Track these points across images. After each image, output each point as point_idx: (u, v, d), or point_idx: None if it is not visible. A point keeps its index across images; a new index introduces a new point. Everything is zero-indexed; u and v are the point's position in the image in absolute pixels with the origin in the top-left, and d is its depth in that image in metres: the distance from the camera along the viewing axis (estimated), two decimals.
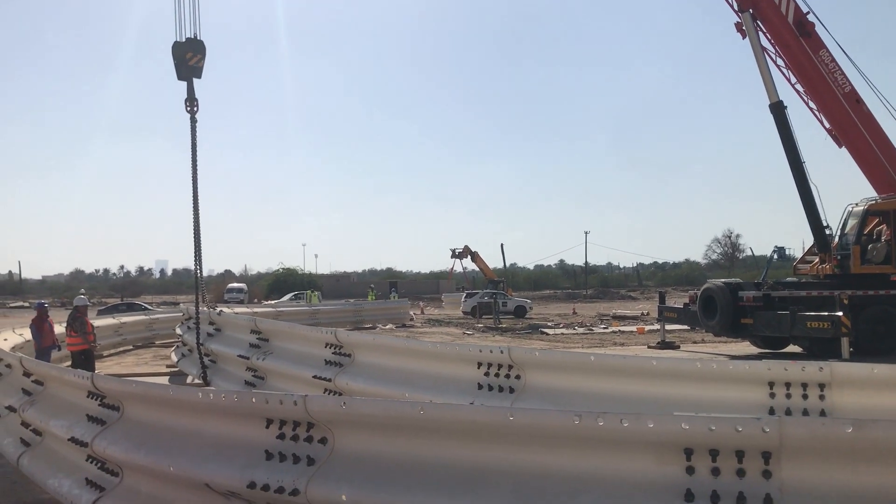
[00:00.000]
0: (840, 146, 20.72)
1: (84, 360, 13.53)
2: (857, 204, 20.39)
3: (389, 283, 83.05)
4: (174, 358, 15.84)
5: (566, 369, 6.81)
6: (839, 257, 19.76)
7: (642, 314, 46.63)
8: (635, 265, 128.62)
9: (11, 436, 7.98)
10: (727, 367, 6.20)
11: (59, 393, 7.33)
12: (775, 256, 58.17)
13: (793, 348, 20.04)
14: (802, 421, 3.61)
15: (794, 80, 20.68)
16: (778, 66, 20.80)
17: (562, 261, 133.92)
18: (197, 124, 13.50)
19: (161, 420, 5.50)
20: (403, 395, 7.49)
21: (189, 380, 13.61)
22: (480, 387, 7.17)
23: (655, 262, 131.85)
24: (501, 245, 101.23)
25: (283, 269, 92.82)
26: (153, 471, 5.36)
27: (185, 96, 13.23)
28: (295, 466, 4.55)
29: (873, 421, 3.49)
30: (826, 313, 17.23)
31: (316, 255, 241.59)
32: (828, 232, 20.31)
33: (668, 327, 24.83)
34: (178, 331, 16.13)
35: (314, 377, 8.85)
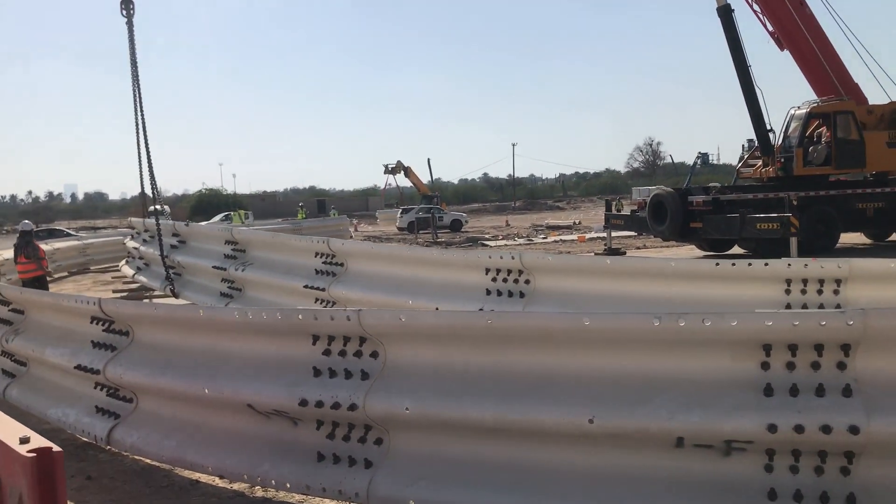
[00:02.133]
0: (782, 49, 20.99)
1: (38, 286, 12.92)
2: (798, 107, 20.83)
3: (317, 202, 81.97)
4: (129, 272, 15.26)
5: (580, 273, 6.83)
6: (783, 160, 20.27)
7: (574, 223, 47.32)
8: (558, 176, 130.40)
9: None
10: (745, 267, 6.29)
11: (47, 320, 6.97)
12: (699, 163, 59.41)
13: (736, 250, 20.68)
14: (886, 312, 3.64)
15: None
16: None
17: (486, 174, 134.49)
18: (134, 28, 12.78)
19: (185, 342, 5.30)
20: (407, 303, 7.42)
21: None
22: (489, 292, 7.15)
23: (577, 173, 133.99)
24: (428, 160, 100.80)
25: (207, 189, 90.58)
26: (182, 394, 5.18)
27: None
28: (348, 381, 4.44)
29: None
30: (775, 214, 17.73)
31: (234, 175, 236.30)
32: (771, 136, 20.77)
33: (601, 234, 25.28)
34: (132, 244, 15.50)
35: (305, 287, 8.71)
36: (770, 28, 20.94)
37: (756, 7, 20.82)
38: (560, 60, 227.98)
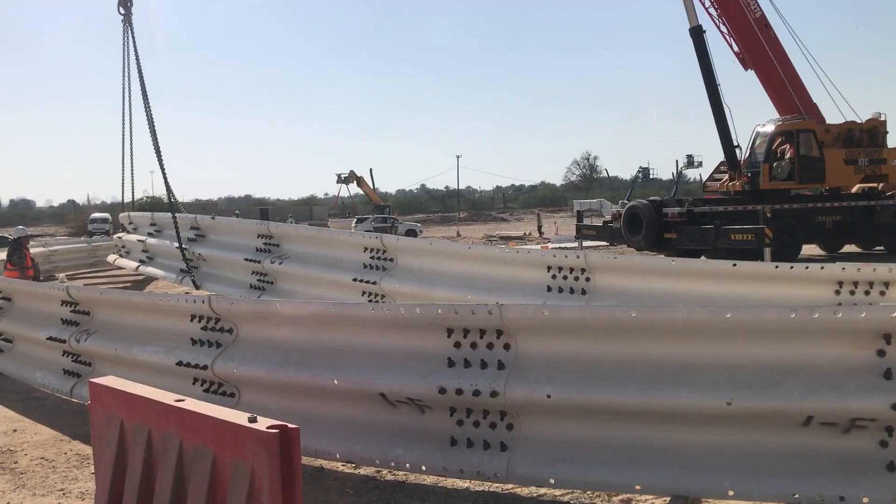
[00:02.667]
0: (746, 69, 22.04)
1: None
2: (763, 124, 21.89)
3: (260, 211, 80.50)
4: (131, 264, 15.07)
5: (644, 272, 7.27)
6: (749, 174, 21.25)
7: (525, 234, 48.01)
8: (494, 188, 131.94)
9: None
10: (802, 269, 6.83)
11: (128, 320, 7.06)
12: (640, 177, 60.70)
13: None
14: None
15: (707, 3, 21.71)
16: None
17: (423, 185, 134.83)
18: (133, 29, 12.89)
19: (300, 336, 5.50)
20: (466, 298, 7.69)
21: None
22: (550, 289, 7.54)
23: (513, 185, 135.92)
24: (371, 170, 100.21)
25: (148, 197, 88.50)
26: (303, 386, 5.40)
27: None
28: (484, 371, 4.76)
29: None
30: (749, 226, 18.59)
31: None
32: (737, 151, 21.77)
33: (571, 245, 25.91)
34: (132, 238, 15.33)
35: (354, 280, 9.02)
36: (736, 49, 21.98)
37: (724, 28, 21.85)
38: (495, 75, 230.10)
